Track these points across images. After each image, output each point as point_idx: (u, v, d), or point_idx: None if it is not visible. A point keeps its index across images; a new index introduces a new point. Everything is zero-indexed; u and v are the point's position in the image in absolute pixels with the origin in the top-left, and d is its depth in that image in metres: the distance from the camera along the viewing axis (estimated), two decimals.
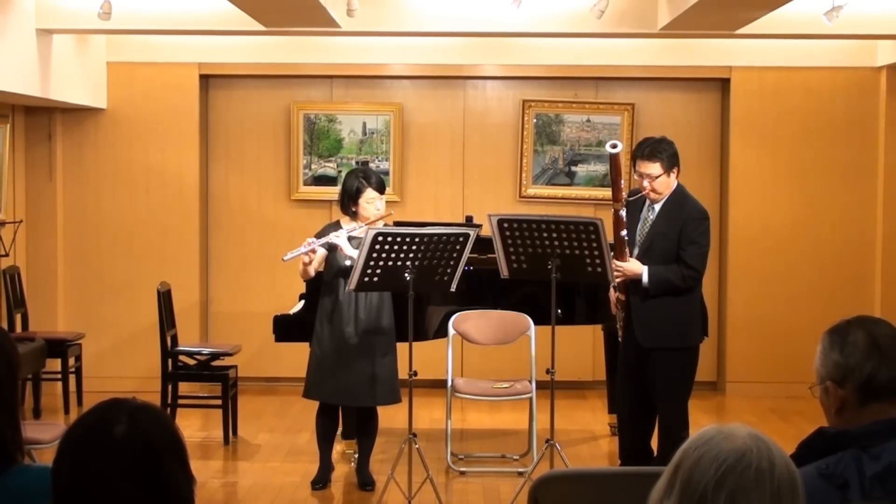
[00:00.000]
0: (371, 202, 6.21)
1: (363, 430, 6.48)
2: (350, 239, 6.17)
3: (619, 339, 6.02)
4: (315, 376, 6.28)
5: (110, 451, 1.94)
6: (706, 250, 5.84)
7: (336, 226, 6.33)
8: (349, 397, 6.31)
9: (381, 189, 6.27)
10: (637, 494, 2.05)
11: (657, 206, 5.81)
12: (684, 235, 5.74)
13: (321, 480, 6.43)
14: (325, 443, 6.46)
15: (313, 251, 6.12)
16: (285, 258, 6.18)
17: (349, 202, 6.26)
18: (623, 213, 5.73)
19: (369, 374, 6.20)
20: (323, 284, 6.30)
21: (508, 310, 7.02)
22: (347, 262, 6.10)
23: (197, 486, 2.02)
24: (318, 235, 6.28)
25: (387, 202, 6.43)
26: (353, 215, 6.26)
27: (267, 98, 9.20)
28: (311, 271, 6.20)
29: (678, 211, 5.78)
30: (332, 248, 6.19)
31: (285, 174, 9.18)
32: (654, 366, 5.73)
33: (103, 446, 1.94)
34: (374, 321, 6.23)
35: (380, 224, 6.19)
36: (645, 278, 5.70)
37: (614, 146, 5.66)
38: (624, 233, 5.74)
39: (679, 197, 5.82)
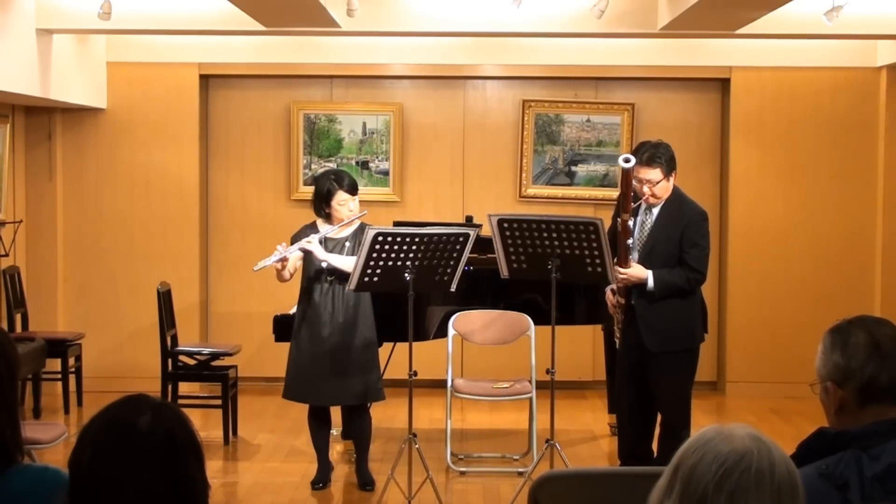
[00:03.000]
0: (343, 204, 6.21)
1: (356, 431, 6.49)
2: (325, 241, 6.18)
3: (616, 340, 6.02)
4: (293, 378, 6.28)
5: (133, 442, 1.96)
6: (708, 252, 5.85)
7: (312, 227, 6.31)
8: (330, 398, 6.30)
9: (353, 190, 6.26)
10: (637, 494, 2.05)
11: (655, 210, 5.80)
12: (686, 238, 5.74)
13: (321, 480, 6.43)
14: (319, 444, 6.46)
15: (285, 259, 6.10)
16: (256, 268, 6.13)
17: (322, 204, 6.26)
18: (631, 222, 5.73)
19: (350, 374, 6.19)
20: (301, 288, 6.30)
21: (508, 310, 7.02)
22: (323, 265, 6.11)
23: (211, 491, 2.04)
24: (294, 237, 6.26)
25: (387, 202, 6.44)
26: (327, 217, 6.26)
27: (267, 98, 9.20)
28: (287, 275, 6.19)
29: (678, 214, 5.78)
30: (306, 253, 6.19)
31: (285, 174, 9.18)
32: (659, 367, 5.73)
33: (127, 436, 1.96)
34: (351, 321, 6.21)
35: (355, 224, 6.20)
36: (650, 283, 5.70)
37: (627, 160, 5.64)
38: (630, 241, 5.74)
39: (677, 199, 5.82)
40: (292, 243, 6.20)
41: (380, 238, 5.77)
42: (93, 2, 7.11)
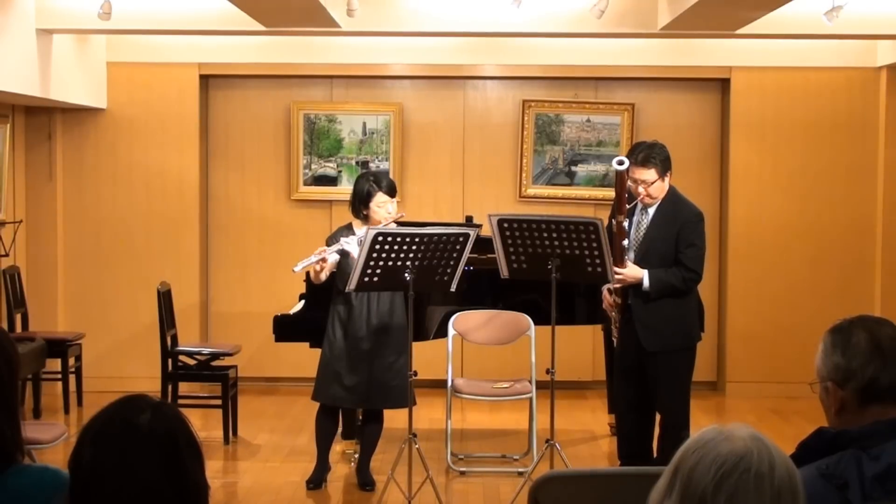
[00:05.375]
0: (382, 206, 6.22)
1: (367, 432, 6.48)
2: (361, 244, 6.17)
3: (613, 339, 6.03)
4: (324, 380, 6.28)
5: (135, 439, 1.96)
6: (704, 252, 5.86)
7: (348, 229, 6.33)
8: (359, 401, 6.32)
9: (391, 193, 6.28)
10: (637, 494, 2.05)
11: (651, 210, 5.81)
12: (682, 238, 5.74)
13: (316, 480, 6.42)
14: (324, 443, 6.45)
15: (324, 260, 6.12)
16: (295, 269, 6.15)
17: (360, 206, 6.26)
18: (626, 223, 5.74)
19: (381, 378, 6.22)
20: (335, 290, 6.29)
21: (508, 310, 7.02)
22: None
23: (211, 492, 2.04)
24: (330, 239, 6.29)
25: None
26: (365, 219, 6.26)
27: (267, 98, 9.20)
28: (323, 276, 6.20)
29: (673, 213, 5.79)
30: (343, 255, 6.19)
31: (285, 174, 9.18)
32: (657, 367, 5.74)
33: (128, 434, 1.97)
34: (385, 325, 6.24)
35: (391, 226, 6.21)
36: (646, 283, 5.71)
37: (621, 163, 5.66)
38: (626, 242, 5.75)
39: (672, 199, 5.83)
40: (328, 245, 6.22)
41: (380, 238, 5.77)
42: (93, 2, 7.10)
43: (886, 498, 2.23)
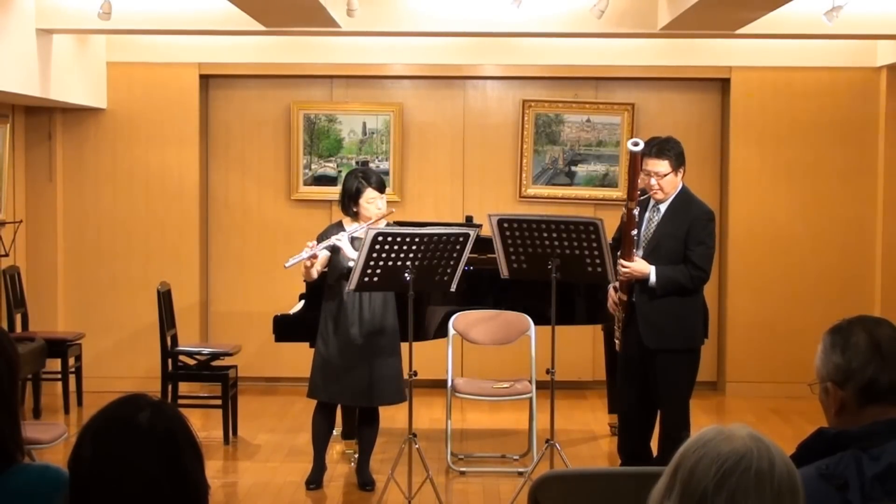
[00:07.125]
0: (372, 202, 6.21)
1: (364, 430, 6.48)
2: (353, 240, 6.17)
3: (616, 339, 6.00)
4: (319, 376, 6.29)
5: (134, 436, 1.96)
6: (713, 251, 5.84)
7: (338, 226, 6.32)
8: (354, 397, 6.33)
9: (381, 188, 6.27)
10: (637, 494, 2.05)
11: (662, 207, 5.79)
12: (691, 236, 5.73)
13: (315, 480, 6.42)
14: (321, 443, 6.45)
15: (314, 256, 6.11)
16: (287, 265, 6.15)
17: (350, 203, 6.26)
18: (636, 211, 5.71)
19: (374, 375, 6.22)
20: (326, 287, 6.30)
21: (508, 310, 7.02)
22: (350, 264, 6.09)
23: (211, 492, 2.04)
24: (321, 236, 6.28)
25: (387, 202, 6.43)
26: (355, 216, 6.26)
27: (267, 98, 9.20)
28: (314, 273, 6.20)
29: (685, 211, 5.77)
30: (334, 251, 6.19)
31: (285, 174, 9.18)
32: (657, 367, 5.73)
33: (128, 432, 1.97)
34: (378, 321, 6.24)
35: (381, 223, 6.20)
36: (653, 278, 5.70)
37: (636, 144, 5.62)
38: (634, 232, 5.72)
39: (685, 197, 5.81)
40: (319, 242, 6.21)
41: (380, 238, 5.77)
42: (93, 2, 7.11)
43: (886, 498, 2.23)
